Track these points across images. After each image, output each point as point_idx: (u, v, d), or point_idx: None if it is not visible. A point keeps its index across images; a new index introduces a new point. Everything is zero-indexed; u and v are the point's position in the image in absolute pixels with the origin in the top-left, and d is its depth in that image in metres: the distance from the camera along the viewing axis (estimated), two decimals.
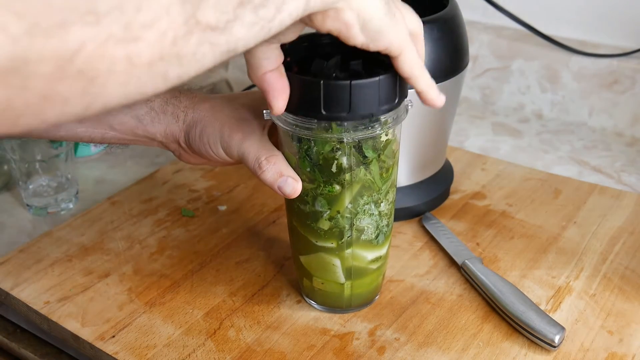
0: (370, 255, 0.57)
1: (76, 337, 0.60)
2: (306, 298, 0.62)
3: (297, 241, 0.58)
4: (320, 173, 0.52)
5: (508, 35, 0.99)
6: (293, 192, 0.53)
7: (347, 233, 0.55)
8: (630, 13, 0.92)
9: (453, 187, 0.78)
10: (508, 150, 0.90)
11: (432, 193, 0.74)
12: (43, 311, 0.62)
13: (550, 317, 0.57)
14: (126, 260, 0.69)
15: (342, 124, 0.50)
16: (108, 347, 0.58)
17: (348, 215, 0.54)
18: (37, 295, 0.64)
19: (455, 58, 0.67)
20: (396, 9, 0.45)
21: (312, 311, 0.62)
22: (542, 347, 0.56)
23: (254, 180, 0.79)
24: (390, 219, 0.57)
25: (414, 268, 0.67)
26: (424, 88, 0.49)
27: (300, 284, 0.62)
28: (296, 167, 0.53)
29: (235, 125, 0.55)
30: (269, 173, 0.53)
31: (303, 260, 0.59)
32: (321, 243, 0.56)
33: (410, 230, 0.72)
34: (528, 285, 0.64)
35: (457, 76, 0.68)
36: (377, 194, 0.54)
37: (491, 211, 0.75)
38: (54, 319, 0.61)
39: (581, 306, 0.61)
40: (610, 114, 0.93)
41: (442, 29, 0.65)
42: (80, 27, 0.28)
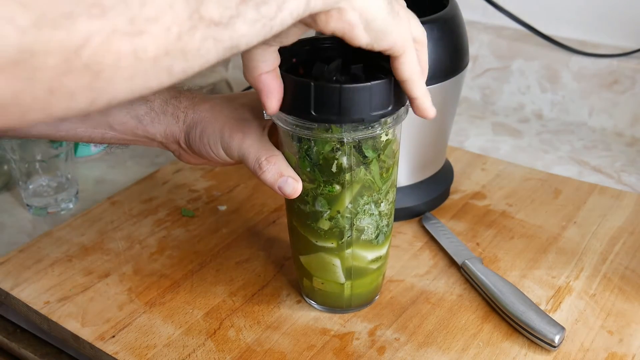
0: (370, 255, 0.57)
1: (76, 337, 0.60)
2: (306, 298, 0.62)
3: (297, 241, 0.58)
4: (320, 173, 0.52)
5: (508, 35, 0.99)
6: (293, 193, 0.53)
7: (347, 233, 0.55)
8: (630, 13, 0.92)
9: (453, 187, 0.78)
10: (508, 150, 0.90)
11: (432, 193, 0.74)
12: (43, 311, 0.62)
13: (550, 317, 0.57)
14: (126, 260, 0.69)
15: (341, 125, 0.50)
16: (108, 347, 0.58)
17: (348, 215, 0.54)
18: (37, 295, 0.64)
19: (455, 58, 0.67)
20: (399, 8, 0.45)
21: (312, 311, 0.62)
22: (542, 347, 0.56)
23: (254, 180, 0.79)
24: (390, 219, 0.57)
25: (414, 268, 0.67)
26: (419, 95, 0.49)
27: (300, 284, 0.62)
28: (296, 167, 0.53)
29: (235, 125, 0.55)
30: (269, 173, 0.53)
31: (303, 260, 0.59)
32: (321, 243, 0.56)
33: (410, 230, 0.72)
34: (528, 285, 0.64)
35: (457, 76, 0.68)
36: (377, 194, 0.54)
37: (491, 211, 0.75)
38: (54, 319, 0.61)
39: (581, 306, 0.61)
40: (610, 114, 0.93)
41: (442, 29, 0.65)
42: (86, 20, 0.29)
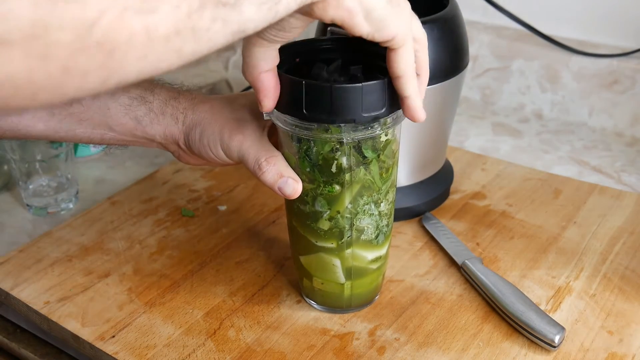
0: (370, 255, 0.57)
1: (76, 337, 0.60)
2: (306, 298, 0.62)
3: (297, 241, 0.58)
4: (320, 173, 0.52)
5: (508, 35, 0.99)
6: (293, 193, 0.53)
7: (347, 233, 0.55)
8: (630, 13, 0.92)
9: (453, 187, 0.78)
10: (508, 150, 0.90)
11: (432, 193, 0.74)
12: (43, 311, 0.62)
13: (550, 317, 0.57)
14: (126, 260, 0.69)
15: (338, 125, 0.50)
16: (108, 347, 0.58)
17: (348, 215, 0.54)
18: (37, 295, 0.64)
19: (455, 58, 0.67)
20: (401, 1, 0.45)
21: (312, 311, 0.62)
22: (542, 347, 0.56)
23: (254, 180, 0.79)
24: (390, 219, 0.57)
25: (414, 268, 0.67)
26: (411, 93, 0.48)
27: (300, 284, 0.62)
28: (296, 168, 0.53)
29: (235, 126, 0.55)
30: (269, 174, 0.53)
31: (303, 260, 0.59)
32: (321, 243, 0.56)
33: (410, 230, 0.72)
34: (528, 285, 0.64)
35: (457, 76, 0.68)
36: (377, 194, 0.54)
37: (491, 211, 0.75)
38: (54, 319, 0.61)
39: (581, 306, 0.61)
40: (610, 114, 0.93)
41: (442, 29, 0.65)
42: None
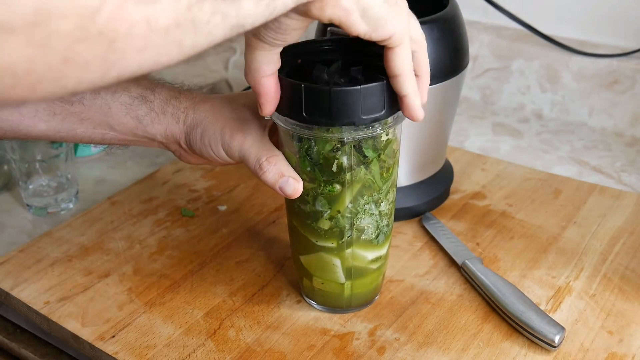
0: (370, 255, 0.57)
1: (76, 337, 0.60)
2: (306, 298, 0.62)
3: (297, 241, 0.58)
4: (320, 172, 0.52)
5: (508, 35, 0.99)
6: (294, 193, 0.53)
7: (348, 233, 0.55)
8: (630, 13, 0.92)
9: (453, 187, 0.78)
10: (508, 150, 0.90)
11: (432, 193, 0.74)
12: (43, 311, 0.62)
13: (550, 317, 0.57)
14: (126, 260, 0.69)
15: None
16: (108, 347, 0.58)
17: (348, 214, 0.54)
18: (37, 295, 0.64)
19: (455, 58, 0.67)
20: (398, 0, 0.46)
21: (312, 311, 0.62)
22: (542, 347, 0.56)
23: (254, 180, 0.79)
24: (390, 219, 0.57)
25: (414, 268, 0.67)
26: (409, 92, 0.48)
27: (300, 284, 0.62)
28: (296, 167, 0.53)
29: (236, 126, 0.55)
30: (270, 174, 0.53)
31: (303, 260, 0.59)
32: (321, 243, 0.56)
33: (410, 230, 0.72)
34: (528, 285, 0.64)
35: (457, 76, 0.68)
36: (378, 194, 0.54)
37: (491, 211, 0.75)
38: (54, 319, 0.61)
39: (581, 306, 0.61)
40: (610, 114, 0.93)
41: (442, 29, 0.65)
42: None
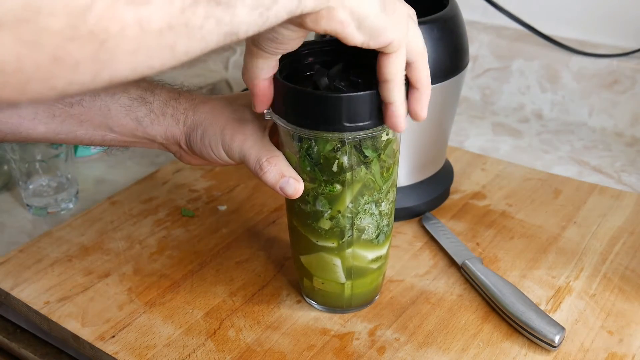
0: (370, 254, 0.57)
1: (76, 337, 0.60)
2: (306, 298, 0.62)
3: (298, 241, 0.58)
4: (321, 172, 0.52)
5: (508, 35, 0.99)
6: (295, 193, 0.53)
7: (348, 233, 0.55)
8: (630, 13, 0.92)
9: (453, 187, 0.78)
10: (508, 150, 0.90)
11: (432, 193, 0.74)
12: (43, 311, 0.62)
13: (550, 317, 0.57)
14: (126, 260, 0.69)
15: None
16: (108, 347, 0.58)
17: (349, 214, 0.54)
18: (37, 295, 0.64)
19: (455, 58, 0.67)
20: (397, 7, 0.45)
21: (312, 311, 0.62)
22: (542, 347, 0.56)
23: (254, 180, 0.79)
24: (390, 219, 0.57)
25: (414, 268, 0.67)
26: (397, 99, 0.48)
27: (300, 284, 0.62)
28: (297, 167, 0.53)
29: (236, 127, 0.55)
30: (271, 174, 0.53)
31: (303, 260, 0.59)
32: (322, 243, 0.56)
33: (410, 230, 0.72)
34: (528, 285, 0.64)
35: (457, 76, 0.68)
36: (378, 194, 0.54)
37: (491, 211, 0.75)
38: (54, 319, 0.61)
39: (581, 306, 0.61)
40: (610, 114, 0.93)
41: (442, 29, 0.65)
42: None
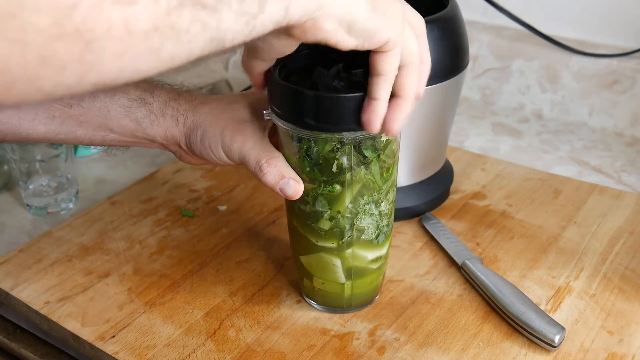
0: (370, 255, 0.57)
1: (76, 337, 0.60)
2: (306, 298, 0.62)
3: (298, 241, 0.58)
4: (320, 173, 0.52)
5: (508, 35, 0.99)
6: (295, 194, 0.53)
7: (348, 233, 0.55)
8: (630, 13, 0.92)
9: (453, 187, 0.78)
10: (508, 150, 0.90)
11: (432, 193, 0.74)
12: (43, 311, 0.62)
13: (550, 317, 0.57)
14: (126, 260, 0.69)
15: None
16: (108, 347, 0.58)
17: (349, 215, 0.54)
18: (37, 295, 0.64)
19: (455, 58, 0.67)
20: (387, 5, 0.44)
21: (312, 311, 0.62)
22: (542, 347, 0.56)
23: (254, 180, 0.79)
24: (390, 219, 0.57)
25: (414, 268, 0.67)
26: (381, 97, 0.47)
27: (300, 284, 0.62)
28: (296, 167, 0.53)
29: (235, 128, 0.55)
30: (270, 175, 0.53)
31: (303, 260, 0.59)
32: (321, 243, 0.56)
33: (410, 230, 0.72)
34: (528, 285, 0.64)
35: (457, 76, 0.68)
36: (378, 194, 0.54)
37: (491, 211, 0.75)
38: (54, 319, 0.61)
39: (581, 306, 0.61)
40: (610, 114, 0.93)
41: (442, 29, 0.65)
42: None
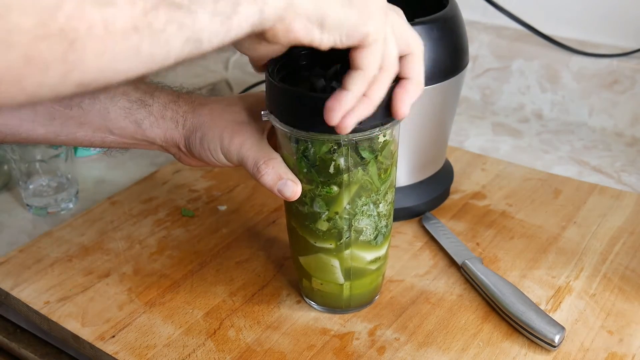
0: (369, 256, 0.57)
1: (76, 337, 0.60)
2: (306, 298, 0.62)
3: (296, 242, 0.58)
4: (317, 174, 0.52)
5: (508, 35, 0.99)
6: (293, 195, 0.53)
7: (346, 234, 0.55)
8: (630, 13, 0.92)
9: (453, 187, 0.78)
10: (508, 150, 0.90)
11: (432, 193, 0.74)
12: (43, 311, 0.62)
13: (550, 317, 0.57)
14: (126, 260, 0.69)
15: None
16: (108, 347, 0.58)
17: (346, 216, 0.54)
18: (37, 295, 0.64)
19: (455, 58, 0.67)
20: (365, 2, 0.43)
21: (312, 311, 0.62)
22: (542, 347, 0.56)
23: (254, 180, 0.79)
24: (389, 220, 0.57)
25: (414, 268, 0.67)
26: (355, 90, 0.45)
27: (299, 285, 0.62)
28: (294, 169, 0.53)
29: (234, 129, 0.55)
30: (268, 177, 0.53)
31: (302, 261, 0.59)
32: (320, 244, 0.56)
33: (410, 230, 0.72)
34: (528, 285, 0.64)
35: (457, 76, 0.68)
36: (376, 195, 0.54)
37: (491, 211, 0.75)
38: (54, 319, 0.62)
39: (581, 306, 0.61)
40: (610, 114, 0.93)
41: (442, 29, 0.65)
42: None
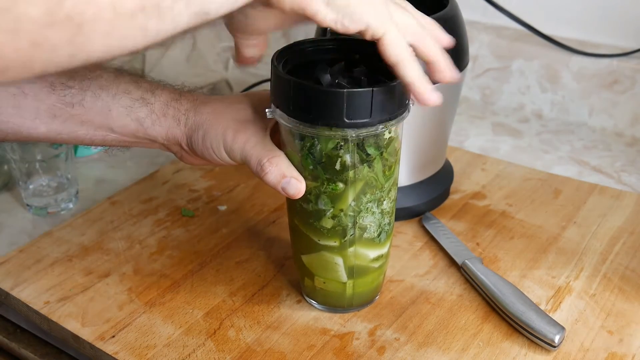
0: (372, 253, 0.57)
1: (76, 337, 0.60)
2: (307, 298, 0.62)
3: (299, 240, 0.58)
4: (323, 171, 0.52)
5: (508, 35, 0.99)
6: (297, 193, 0.53)
7: (350, 231, 0.55)
8: (630, 13, 0.92)
9: (453, 187, 0.78)
10: (508, 150, 0.90)
11: (432, 193, 0.74)
12: (43, 311, 0.62)
13: (550, 317, 0.57)
14: (126, 260, 0.69)
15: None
16: (108, 347, 0.58)
17: (351, 213, 0.54)
18: (37, 295, 0.64)
19: (455, 58, 0.67)
20: None
21: (312, 311, 0.62)
22: (542, 347, 0.56)
23: (254, 180, 0.79)
24: (392, 217, 0.57)
25: (414, 268, 0.67)
26: (413, 78, 0.45)
27: (301, 284, 0.62)
28: (299, 166, 0.53)
29: (237, 128, 0.55)
30: (272, 175, 0.53)
31: (305, 259, 0.59)
32: (324, 242, 0.56)
33: (410, 230, 0.72)
34: (528, 285, 0.64)
35: None
36: (380, 192, 0.54)
37: (491, 211, 0.75)
38: (54, 319, 0.61)
39: (581, 306, 0.61)
40: (610, 114, 0.93)
41: (442, 29, 0.65)
42: None
